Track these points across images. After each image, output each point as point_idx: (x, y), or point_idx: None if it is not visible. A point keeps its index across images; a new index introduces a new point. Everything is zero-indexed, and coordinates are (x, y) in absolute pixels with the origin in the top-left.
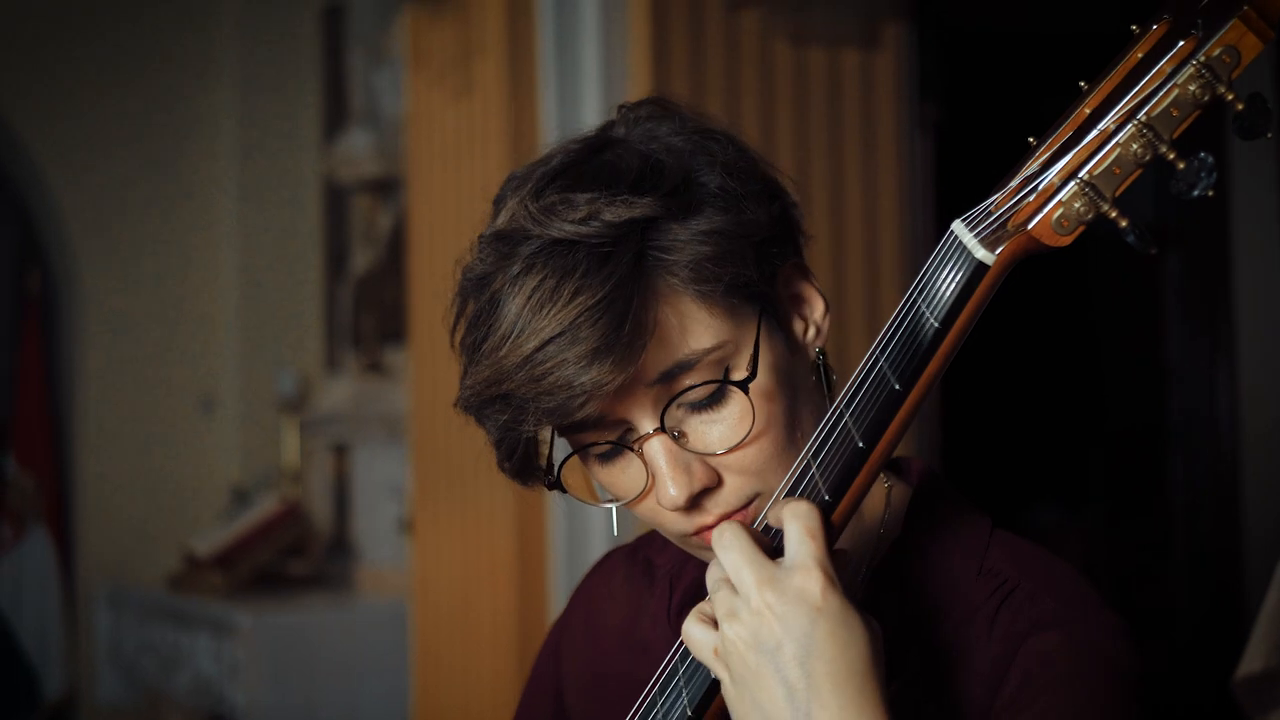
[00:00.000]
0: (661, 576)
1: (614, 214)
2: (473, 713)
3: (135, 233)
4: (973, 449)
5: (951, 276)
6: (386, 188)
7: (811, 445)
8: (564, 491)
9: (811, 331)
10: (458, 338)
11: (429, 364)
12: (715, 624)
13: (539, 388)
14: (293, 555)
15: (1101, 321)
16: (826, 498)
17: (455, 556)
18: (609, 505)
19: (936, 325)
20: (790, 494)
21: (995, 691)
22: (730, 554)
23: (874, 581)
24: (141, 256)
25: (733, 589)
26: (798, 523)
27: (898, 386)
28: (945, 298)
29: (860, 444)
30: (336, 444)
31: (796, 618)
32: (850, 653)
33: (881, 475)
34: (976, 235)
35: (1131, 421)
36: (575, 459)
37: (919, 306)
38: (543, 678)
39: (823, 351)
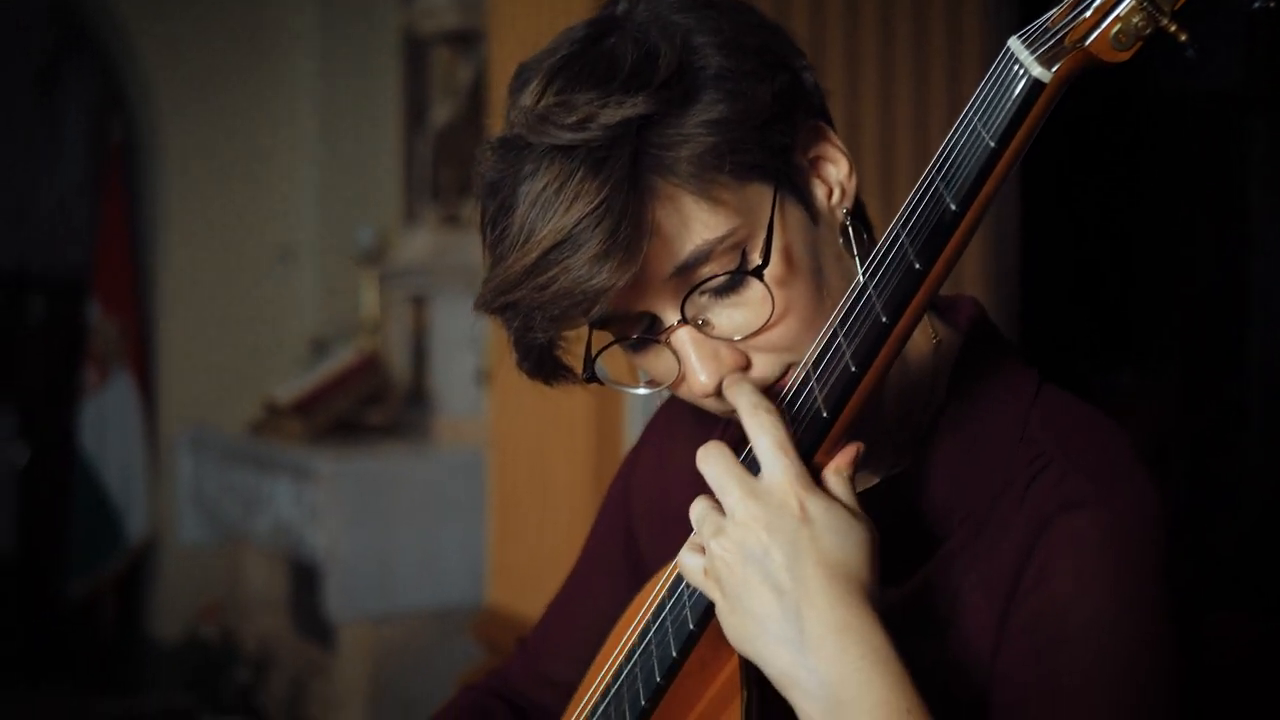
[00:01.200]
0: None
1: (608, 116)
2: (548, 561)
3: (216, 84)
4: (1051, 309)
5: (1008, 95)
6: (467, 40)
7: (841, 309)
8: (600, 383)
9: (836, 194)
10: (485, 240)
11: None
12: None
13: (543, 297)
14: (371, 405)
15: (1184, 187)
16: (853, 368)
17: (532, 406)
18: (646, 391)
19: (993, 145)
20: (817, 364)
21: (1021, 570)
22: (714, 470)
23: (922, 445)
24: (223, 107)
25: (719, 510)
26: (765, 437)
27: (954, 207)
28: (1002, 116)
29: (917, 265)
30: (415, 296)
31: (781, 525)
32: (836, 555)
33: (927, 324)
34: (1034, 52)
35: (1212, 288)
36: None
37: (975, 126)
38: (613, 512)
39: (851, 211)
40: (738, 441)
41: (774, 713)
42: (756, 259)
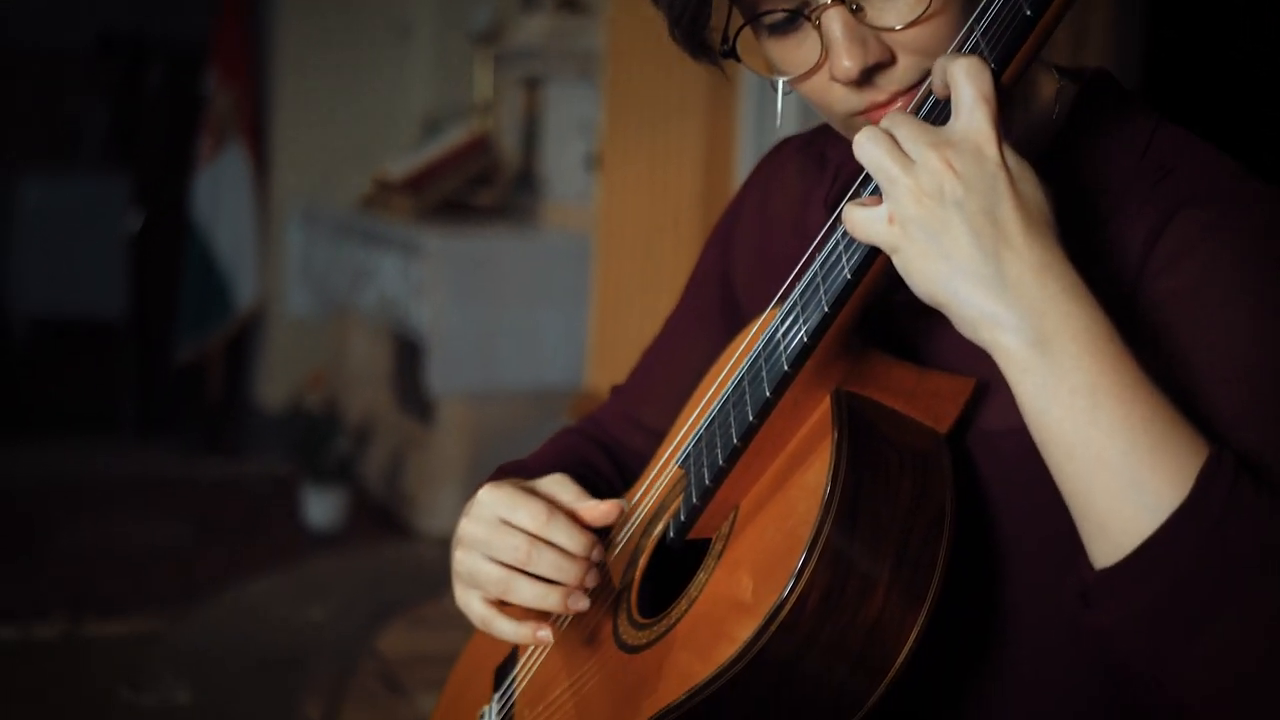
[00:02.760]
0: (832, 168)
1: None
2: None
3: None
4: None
5: None
6: None
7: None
8: (739, 60)
9: None
10: None
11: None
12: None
13: None
14: (480, 185)
15: None
16: (1028, 12)
17: (642, 194)
18: (780, 80)
19: None
20: (980, 18)
21: (1146, 258)
22: (901, 126)
23: (1037, 168)
24: None
25: (897, 156)
26: (970, 86)
27: None
28: None
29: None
30: (529, 78)
31: (979, 171)
32: (1031, 203)
33: (1054, 73)
34: None
35: None
36: (752, 42)
37: None
38: (712, 260)
39: None
40: (841, 195)
41: (862, 453)
42: None
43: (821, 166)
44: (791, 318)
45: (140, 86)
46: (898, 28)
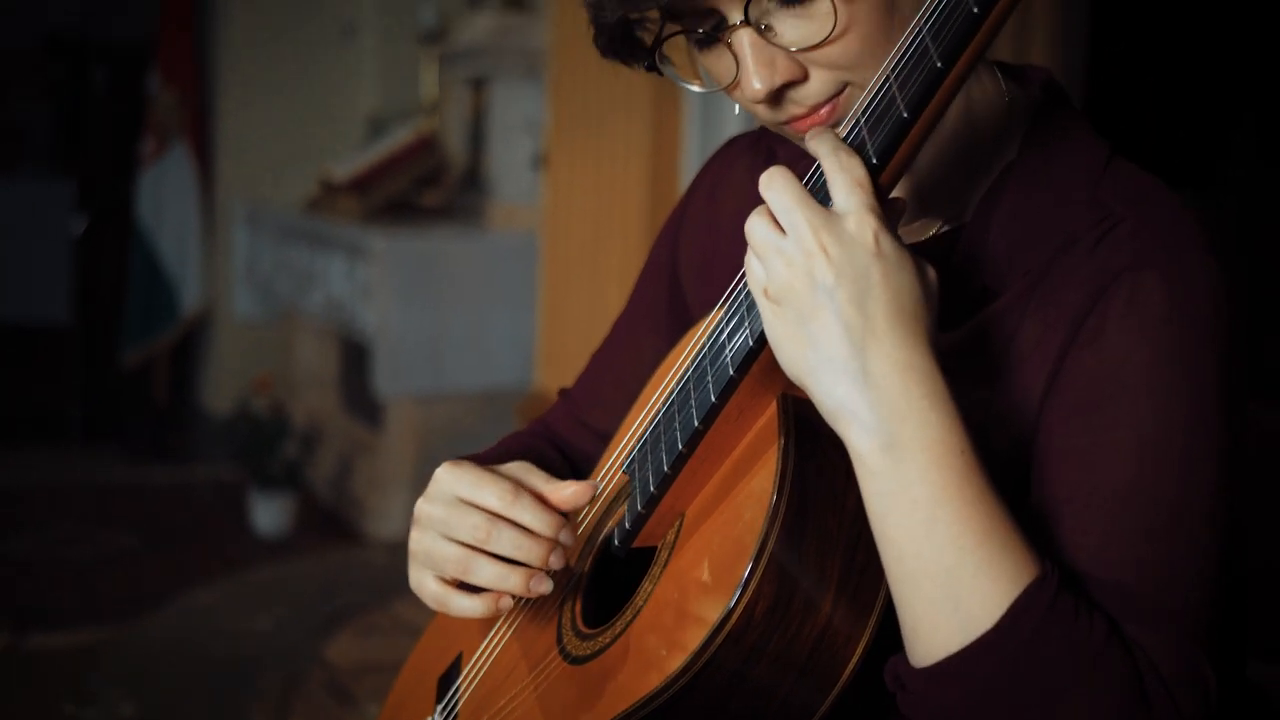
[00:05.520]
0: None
1: None
2: (597, 346)
3: None
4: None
5: None
6: None
7: (895, 54)
8: (660, 74)
9: None
10: None
11: None
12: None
13: None
14: (426, 186)
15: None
16: (904, 115)
17: (588, 192)
18: (701, 89)
19: None
20: (866, 110)
21: (1081, 323)
22: (782, 196)
23: (985, 201)
24: None
25: (780, 231)
26: (844, 175)
27: None
28: None
29: (975, 9)
30: (474, 78)
31: (853, 260)
32: (904, 296)
33: (1001, 82)
34: None
35: None
36: (684, 45)
37: None
38: (660, 262)
39: None
40: None
41: (809, 460)
42: None
43: (770, 164)
44: (736, 320)
45: (85, 89)
46: (805, 48)
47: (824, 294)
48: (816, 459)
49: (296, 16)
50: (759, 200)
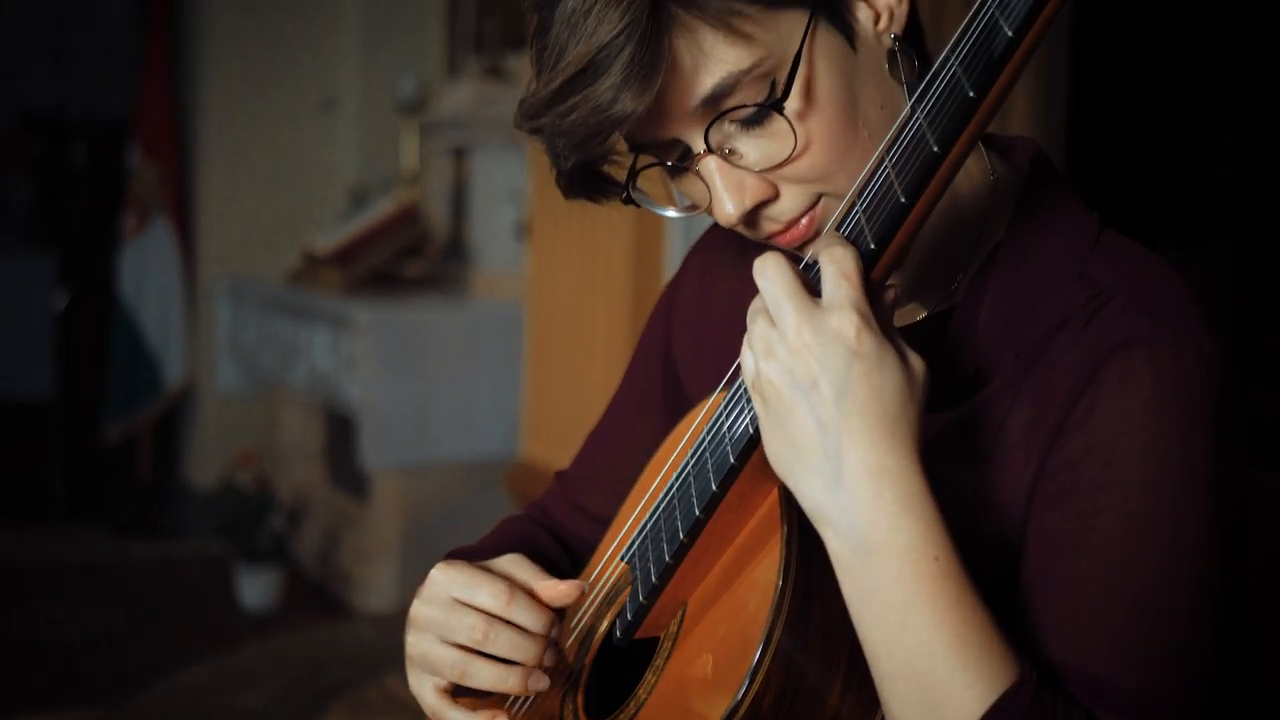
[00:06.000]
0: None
1: None
2: (582, 415)
3: None
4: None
5: None
6: None
7: (891, 138)
8: (636, 205)
9: (884, 19)
10: (531, 52)
11: None
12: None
13: (565, 124)
14: (409, 256)
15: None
16: (902, 199)
17: (572, 261)
18: (678, 214)
19: None
20: (863, 195)
21: (1072, 406)
22: (772, 286)
23: (974, 282)
24: None
25: (771, 322)
26: (833, 266)
27: (1010, 33)
28: None
29: (971, 93)
30: (455, 148)
31: (833, 358)
32: (884, 395)
33: (987, 160)
34: None
35: (1263, 156)
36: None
37: None
38: (653, 342)
39: (899, 37)
40: None
41: (813, 548)
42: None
43: (762, 246)
44: (737, 407)
45: (64, 164)
46: (762, 170)
47: (801, 393)
48: (820, 546)
49: (277, 88)
50: (750, 279)
